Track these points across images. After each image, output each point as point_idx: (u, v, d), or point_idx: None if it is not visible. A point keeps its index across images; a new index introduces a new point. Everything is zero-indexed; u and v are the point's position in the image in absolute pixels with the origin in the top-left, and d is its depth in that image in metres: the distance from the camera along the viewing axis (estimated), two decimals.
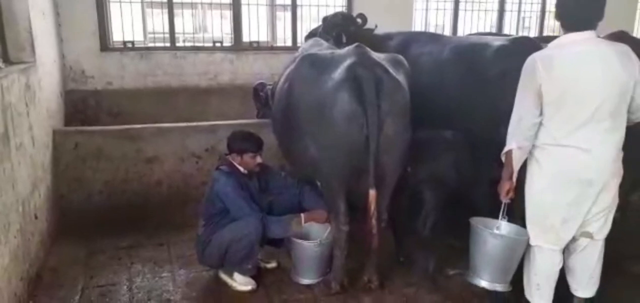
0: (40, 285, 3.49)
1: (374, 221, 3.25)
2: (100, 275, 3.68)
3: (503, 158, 2.96)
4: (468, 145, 3.74)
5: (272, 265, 3.81)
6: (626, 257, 3.82)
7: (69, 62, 5.66)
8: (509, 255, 3.10)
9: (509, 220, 3.16)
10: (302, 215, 3.55)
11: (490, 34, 5.83)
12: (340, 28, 4.95)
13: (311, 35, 5.25)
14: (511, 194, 2.99)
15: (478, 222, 3.20)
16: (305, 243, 3.54)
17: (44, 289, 3.45)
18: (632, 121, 2.86)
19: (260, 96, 5.10)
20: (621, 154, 2.81)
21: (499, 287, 3.16)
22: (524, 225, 3.07)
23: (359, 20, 5.03)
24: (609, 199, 2.83)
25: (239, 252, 3.40)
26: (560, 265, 2.98)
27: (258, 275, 3.59)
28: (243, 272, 3.51)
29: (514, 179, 2.95)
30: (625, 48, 2.74)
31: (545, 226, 2.91)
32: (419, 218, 3.67)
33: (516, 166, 2.91)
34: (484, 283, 3.18)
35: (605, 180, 2.76)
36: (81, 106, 5.73)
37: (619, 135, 2.76)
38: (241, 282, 3.51)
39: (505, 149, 2.92)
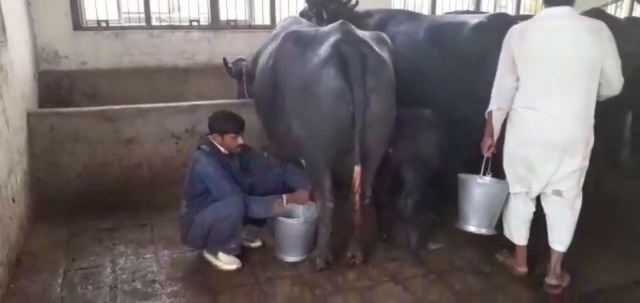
0: (21, 270, 3.42)
1: (357, 197, 3.28)
2: (82, 257, 3.63)
3: (487, 117, 3.28)
4: (445, 123, 3.79)
5: (257, 244, 3.82)
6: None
7: (41, 42, 5.51)
8: (492, 201, 3.45)
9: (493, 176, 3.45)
10: (284, 196, 3.55)
11: (468, 12, 5.87)
12: (321, 5, 4.94)
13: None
14: (492, 150, 3.33)
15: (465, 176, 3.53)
16: (289, 221, 3.55)
17: (24, 273, 3.38)
18: (601, 96, 3.04)
19: (229, 68, 5.07)
20: (591, 122, 3.03)
21: (484, 231, 3.48)
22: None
23: None
24: (577, 162, 3.07)
25: (222, 232, 3.40)
26: (533, 210, 3.33)
27: (242, 254, 3.59)
28: (227, 252, 3.50)
29: (495, 137, 3.27)
30: (599, 24, 2.94)
31: (518, 176, 3.26)
32: (401, 196, 3.72)
33: (496, 125, 3.25)
34: (471, 228, 3.50)
35: (571, 144, 3.02)
36: (55, 87, 5.59)
37: (587, 103, 2.99)
38: (226, 261, 3.51)
39: (488, 109, 3.25)
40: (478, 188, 3.46)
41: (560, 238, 3.23)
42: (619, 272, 3.46)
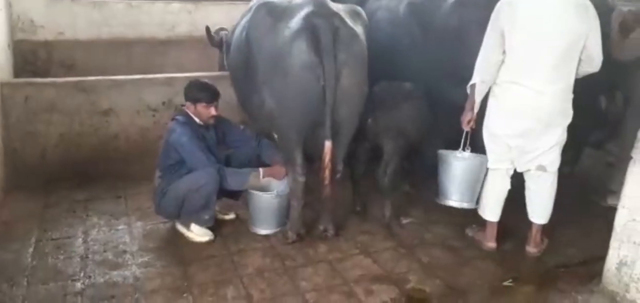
0: None
1: (328, 172, 3.30)
2: (54, 228, 3.64)
3: (468, 91, 3.27)
4: (426, 96, 3.81)
5: (230, 216, 3.85)
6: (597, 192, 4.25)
7: (17, 11, 5.41)
8: (473, 175, 3.49)
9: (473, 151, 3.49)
10: (261, 169, 3.57)
11: None
12: None
13: None
14: (472, 124, 3.33)
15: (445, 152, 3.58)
16: (262, 194, 3.58)
17: None
18: (580, 73, 3.11)
19: (212, 36, 5.04)
20: (570, 96, 3.11)
21: (466, 204, 3.55)
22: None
23: None
24: (557, 136, 3.16)
25: (195, 202, 3.40)
26: (508, 188, 3.37)
27: (216, 226, 3.61)
28: (200, 223, 3.52)
29: (475, 110, 3.28)
30: (586, 2, 3.00)
31: (500, 152, 3.29)
32: (379, 166, 3.75)
33: (478, 98, 3.25)
34: (452, 203, 3.57)
35: (553, 118, 3.11)
36: (31, 58, 5.52)
37: (569, 80, 3.06)
38: (198, 233, 3.53)
39: (470, 82, 3.23)
40: (458, 162, 3.50)
41: (542, 213, 3.35)
42: (583, 247, 3.54)
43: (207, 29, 5.12)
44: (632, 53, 3.70)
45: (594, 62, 3.08)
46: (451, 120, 3.50)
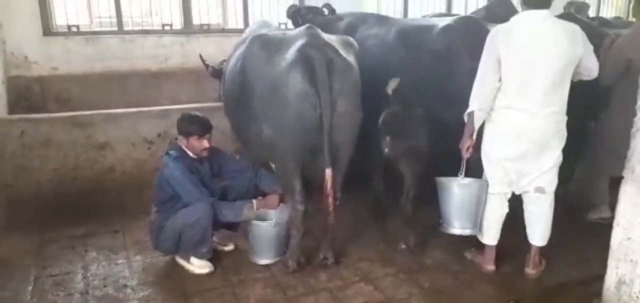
0: None
1: (330, 199, 3.33)
2: (53, 264, 3.61)
3: (466, 118, 3.27)
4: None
5: (230, 247, 3.84)
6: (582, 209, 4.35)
7: (10, 47, 5.44)
8: (474, 201, 3.47)
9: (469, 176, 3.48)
10: (254, 201, 3.57)
11: (441, 15, 5.98)
12: (296, 13, 5.05)
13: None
14: (471, 151, 3.33)
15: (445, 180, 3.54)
16: (260, 223, 3.59)
17: None
18: (576, 77, 3.22)
19: (210, 67, 5.07)
20: (564, 118, 3.19)
21: (469, 231, 3.49)
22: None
23: (325, 10, 5.11)
24: (554, 157, 3.24)
25: (192, 236, 3.41)
26: (506, 211, 3.43)
27: (215, 257, 3.61)
28: (199, 256, 3.52)
29: (474, 138, 3.29)
30: (574, 27, 3.12)
31: (499, 176, 3.34)
32: (402, 195, 3.80)
33: (476, 125, 3.26)
34: (455, 230, 3.51)
35: (548, 139, 3.18)
36: (25, 93, 5.52)
37: (562, 102, 3.15)
38: (198, 265, 3.52)
39: (468, 110, 3.24)
40: (459, 189, 3.46)
41: (541, 234, 3.41)
42: (580, 266, 3.58)
43: (201, 57, 5.16)
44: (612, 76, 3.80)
45: (593, 72, 3.20)
46: (445, 143, 3.57)
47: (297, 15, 5.32)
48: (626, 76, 3.72)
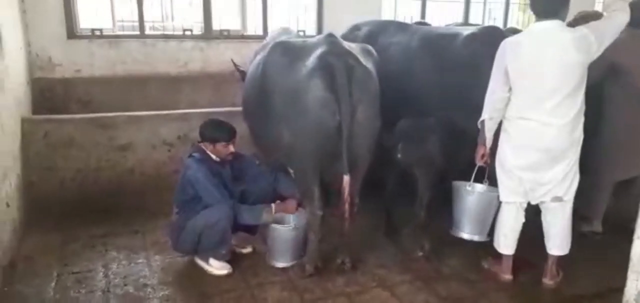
0: (15, 274, 3.47)
1: (347, 205, 3.36)
2: (75, 262, 3.68)
3: (479, 126, 3.38)
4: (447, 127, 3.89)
5: (248, 250, 3.89)
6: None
7: (35, 49, 5.53)
8: (483, 208, 3.62)
9: (490, 184, 3.59)
10: (273, 205, 3.62)
11: (460, 24, 5.99)
12: None
13: None
14: (485, 158, 3.44)
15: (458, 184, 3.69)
16: (280, 227, 3.64)
17: (18, 277, 3.44)
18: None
19: (240, 71, 5.06)
20: (580, 122, 3.19)
21: (476, 238, 3.68)
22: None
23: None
24: (570, 164, 3.23)
25: (212, 237, 3.46)
26: (523, 221, 3.44)
27: (233, 259, 3.66)
28: (218, 257, 3.57)
29: (488, 145, 3.39)
30: (582, 31, 3.09)
31: (512, 186, 3.36)
32: (415, 202, 3.84)
33: (488, 134, 3.37)
34: (464, 235, 3.72)
35: (563, 148, 3.18)
36: (49, 94, 5.62)
37: (576, 110, 3.13)
38: (217, 267, 3.57)
39: (480, 119, 3.35)
40: (470, 196, 3.62)
41: (559, 244, 3.40)
42: (598, 278, 3.57)
43: (233, 61, 5.19)
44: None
45: (616, 32, 3.10)
46: (464, 150, 3.60)
47: None
48: (615, 82, 3.78)
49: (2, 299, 3.17)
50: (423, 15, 7.54)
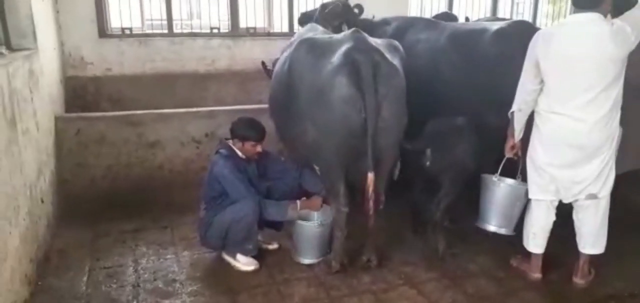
0: (49, 267, 3.58)
1: (371, 203, 3.34)
2: (106, 257, 3.77)
3: (510, 116, 3.36)
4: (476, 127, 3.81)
5: (274, 246, 3.91)
6: None
7: (68, 48, 5.70)
8: (510, 202, 3.58)
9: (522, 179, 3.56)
10: (298, 201, 3.64)
11: (488, 19, 5.89)
12: (341, 18, 4.99)
13: (305, 17, 5.29)
14: (515, 150, 3.42)
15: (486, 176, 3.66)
16: (305, 223, 3.65)
17: (52, 271, 3.54)
18: None
19: (265, 66, 5.11)
20: (616, 116, 3.07)
21: (503, 231, 3.63)
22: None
23: (356, 10, 5.06)
24: (605, 161, 3.12)
25: (238, 233, 3.50)
26: (554, 220, 3.37)
27: (260, 256, 3.69)
28: (245, 253, 3.61)
29: (517, 137, 3.36)
30: (618, 24, 2.93)
31: (542, 183, 3.29)
32: (433, 201, 3.76)
33: (517, 126, 3.33)
34: (491, 227, 3.68)
35: (597, 145, 3.08)
36: (81, 92, 5.78)
37: (610, 104, 3.00)
38: (244, 262, 3.61)
39: (510, 110, 3.33)
40: (498, 188, 3.58)
41: (594, 242, 3.31)
42: (631, 278, 3.48)
43: (263, 64, 5.22)
44: None
45: None
46: (494, 146, 3.56)
47: (341, 22, 5.18)
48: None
49: (37, 293, 3.27)
50: (450, 7, 7.45)
